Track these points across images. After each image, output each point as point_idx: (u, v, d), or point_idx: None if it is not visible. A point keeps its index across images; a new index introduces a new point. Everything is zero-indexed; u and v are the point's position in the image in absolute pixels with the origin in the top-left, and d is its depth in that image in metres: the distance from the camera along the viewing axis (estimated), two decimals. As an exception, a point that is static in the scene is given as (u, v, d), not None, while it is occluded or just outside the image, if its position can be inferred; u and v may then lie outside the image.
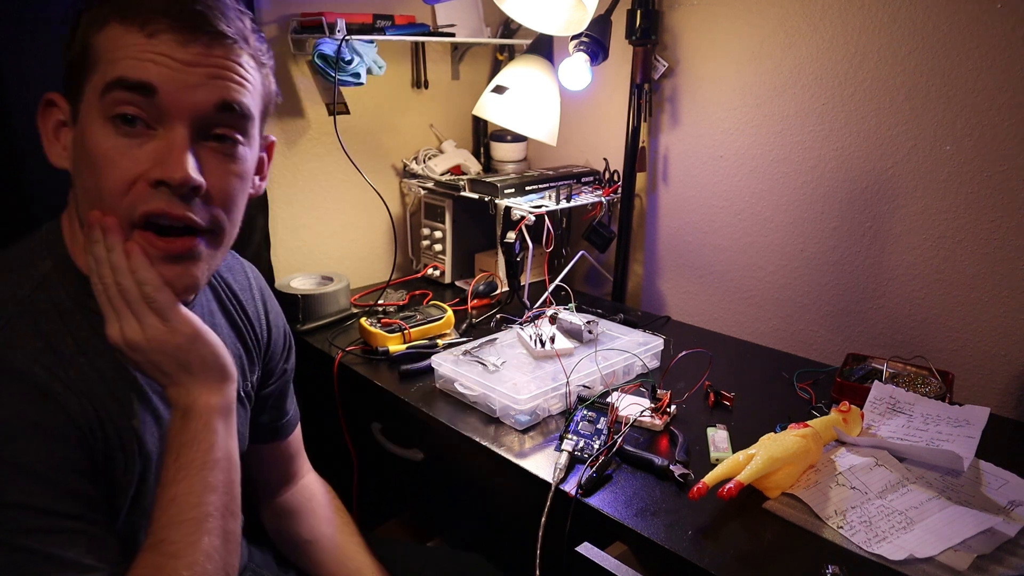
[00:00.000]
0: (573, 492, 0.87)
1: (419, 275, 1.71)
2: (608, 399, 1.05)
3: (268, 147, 0.77)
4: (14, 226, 1.09)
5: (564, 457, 0.92)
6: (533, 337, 1.19)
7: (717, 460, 0.93)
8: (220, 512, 0.66)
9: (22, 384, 0.61)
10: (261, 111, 0.71)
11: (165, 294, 0.66)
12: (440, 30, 1.56)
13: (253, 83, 0.68)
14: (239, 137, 0.68)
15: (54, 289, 0.67)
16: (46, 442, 0.60)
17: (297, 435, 1.04)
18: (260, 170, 0.76)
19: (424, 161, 1.68)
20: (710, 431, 1.00)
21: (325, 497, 1.04)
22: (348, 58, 1.36)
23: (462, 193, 1.55)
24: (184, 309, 0.68)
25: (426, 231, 1.68)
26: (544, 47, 1.46)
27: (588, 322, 1.24)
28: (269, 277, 1.46)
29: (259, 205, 1.42)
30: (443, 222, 1.63)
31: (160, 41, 0.61)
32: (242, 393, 0.87)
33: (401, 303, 1.51)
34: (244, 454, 0.90)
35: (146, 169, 0.62)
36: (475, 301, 1.51)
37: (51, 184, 1.08)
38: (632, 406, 1.04)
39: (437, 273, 1.67)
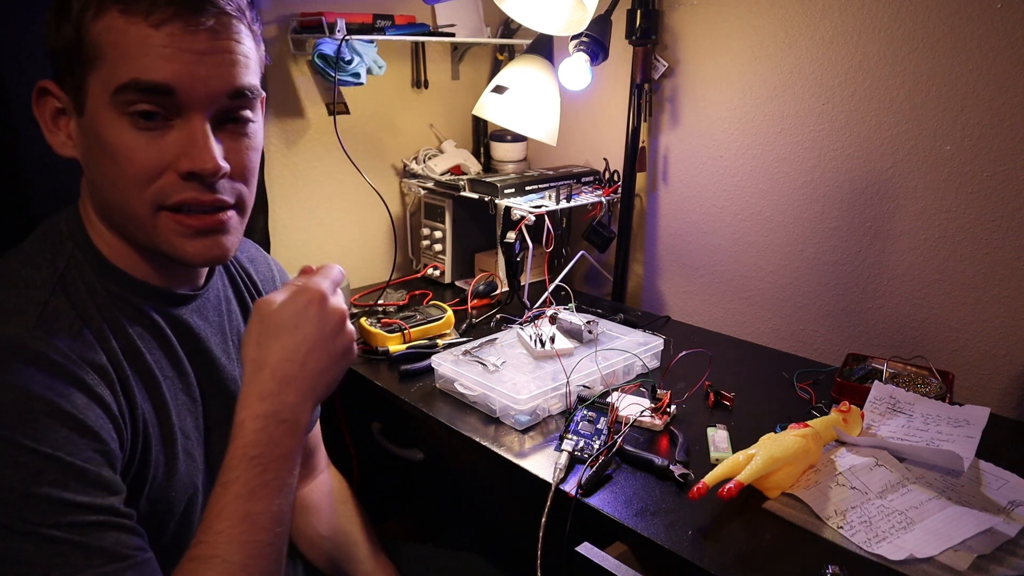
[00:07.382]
0: (573, 492, 0.87)
1: (419, 275, 1.71)
2: (608, 399, 1.05)
3: (261, 103, 0.75)
4: (14, 222, 1.08)
5: (564, 457, 0.92)
6: (533, 337, 1.18)
7: (717, 460, 0.93)
8: (282, 541, 0.64)
9: (59, 376, 0.60)
10: (260, 79, 0.71)
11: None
12: (440, 30, 1.56)
13: (253, 57, 0.68)
14: (251, 115, 0.69)
15: (81, 268, 0.67)
16: (83, 435, 0.60)
17: (316, 430, 1.04)
18: None
19: (424, 161, 1.68)
20: (710, 431, 1.00)
21: (343, 493, 1.04)
22: (348, 58, 1.36)
23: (462, 193, 1.55)
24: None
25: (426, 231, 1.68)
26: (544, 47, 1.46)
27: (588, 322, 1.24)
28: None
29: (259, 205, 1.42)
30: (443, 222, 1.62)
31: (168, 32, 0.60)
32: None
33: (401, 303, 1.51)
34: None
35: (171, 160, 0.63)
36: (475, 301, 1.51)
37: (51, 178, 1.09)
38: (632, 406, 1.04)
39: (437, 273, 1.67)
